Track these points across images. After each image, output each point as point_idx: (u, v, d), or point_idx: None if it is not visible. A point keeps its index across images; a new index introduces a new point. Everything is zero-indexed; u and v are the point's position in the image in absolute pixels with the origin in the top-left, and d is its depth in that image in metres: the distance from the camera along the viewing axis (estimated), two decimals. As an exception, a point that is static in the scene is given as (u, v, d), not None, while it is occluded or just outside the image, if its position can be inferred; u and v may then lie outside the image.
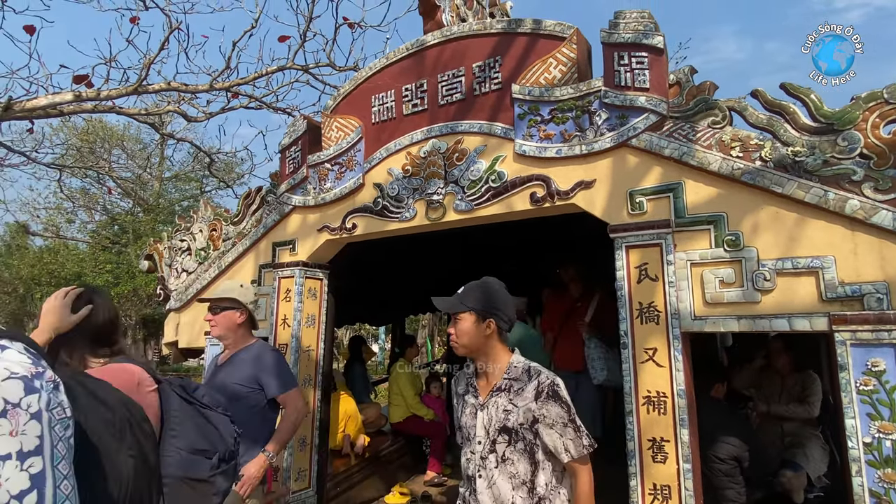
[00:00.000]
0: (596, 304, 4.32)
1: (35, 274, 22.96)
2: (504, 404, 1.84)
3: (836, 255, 2.37)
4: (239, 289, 2.89)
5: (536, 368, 1.88)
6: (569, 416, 1.79)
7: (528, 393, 1.81)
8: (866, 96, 2.40)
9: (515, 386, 1.86)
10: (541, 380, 1.83)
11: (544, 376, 1.84)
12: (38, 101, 5.27)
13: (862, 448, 2.20)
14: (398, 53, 3.74)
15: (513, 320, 1.96)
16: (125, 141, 20.76)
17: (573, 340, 4.33)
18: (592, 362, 4.09)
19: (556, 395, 1.79)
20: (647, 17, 2.84)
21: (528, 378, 1.85)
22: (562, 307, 4.59)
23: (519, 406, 1.82)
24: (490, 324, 1.90)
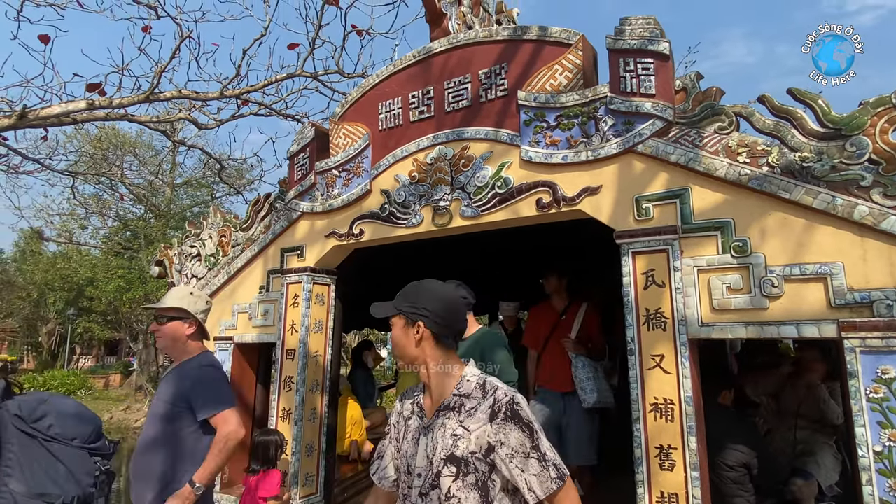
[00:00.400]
0: (582, 318, 4.06)
1: (48, 279, 23.29)
2: (452, 427, 1.49)
3: (845, 261, 2.35)
4: (189, 296, 2.66)
5: (493, 383, 1.54)
6: (532, 443, 1.43)
7: (482, 413, 1.47)
8: (874, 101, 2.39)
9: (467, 405, 1.52)
10: (497, 396, 1.49)
11: (502, 392, 1.50)
12: (52, 109, 5.37)
13: (872, 456, 2.17)
14: (405, 61, 3.76)
15: (454, 325, 1.63)
16: (137, 148, 21.03)
17: (559, 358, 4.00)
18: (581, 383, 3.80)
19: (516, 416, 1.45)
20: (652, 23, 2.84)
21: (483, 395, 1.52)
22: (546, 321, 4.20)
23: (471, 430, 1.47)
24: (419, 327, 1.59)
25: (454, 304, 1.65)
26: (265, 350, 4.47)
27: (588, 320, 4.07)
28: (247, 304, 4.33)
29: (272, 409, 3.92)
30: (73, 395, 21.44)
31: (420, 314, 1.59)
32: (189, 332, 2.61)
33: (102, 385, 23.36)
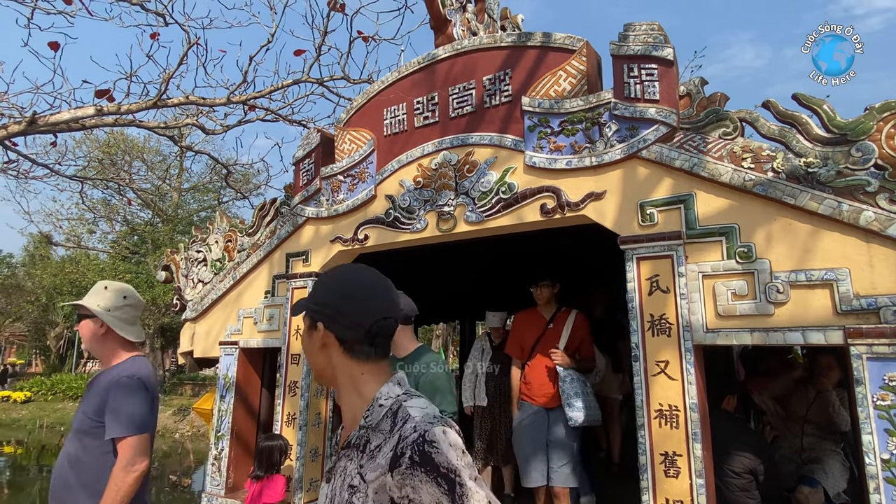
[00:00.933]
0: (571, 327, 3.76)
1: (57, 283, 23.49)
2: (351, 475, 1.08)
3: (851, 267, 2.33)
4: (102, 291, 2.35)
5: (407, 411, 1.07)
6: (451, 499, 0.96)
7: (384, 457, 1.02)
8: (880, 106, 2.38)
9: (373, 441, 1.06)
10: (404, 432, 1.02)
11: (410, 427, 1.02)
12: (61, 115, 5.42)
13: (880, 464, 2.15)
14: (410, 67, 3.78)
15: (367, 324, 1.14)
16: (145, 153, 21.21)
17: (545, 371, 3.73)
18: (569, 399, 3.48)
19: (428, 463, 0.98)
20: (656, 29, 2.85)
21: (391, 428, 1.05)
22: (531, 328, 3.87)
23: (368, 479, 1.03)
24: (320, 329, 1.17)
25: (366, 294, 1.17)
26: (270, 355, 4.48)
27: (577, 330, 3.76)
28: (252, 309, 4.35)
29: (277, 414, 3.93)
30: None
31: (320, 311, 1.18)
32: (101, 333, 2.31)
33: (109, 389, 23.41)
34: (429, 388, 2.60)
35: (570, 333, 3.70)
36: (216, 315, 4.65)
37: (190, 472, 13.53)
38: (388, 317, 1.18)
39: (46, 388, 22.09)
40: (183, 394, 22.65)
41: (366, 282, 1.20)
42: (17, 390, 22.24)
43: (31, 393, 21.97)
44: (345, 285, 1.20)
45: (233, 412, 4.26)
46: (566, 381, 3.52)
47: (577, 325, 3.75)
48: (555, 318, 3.80)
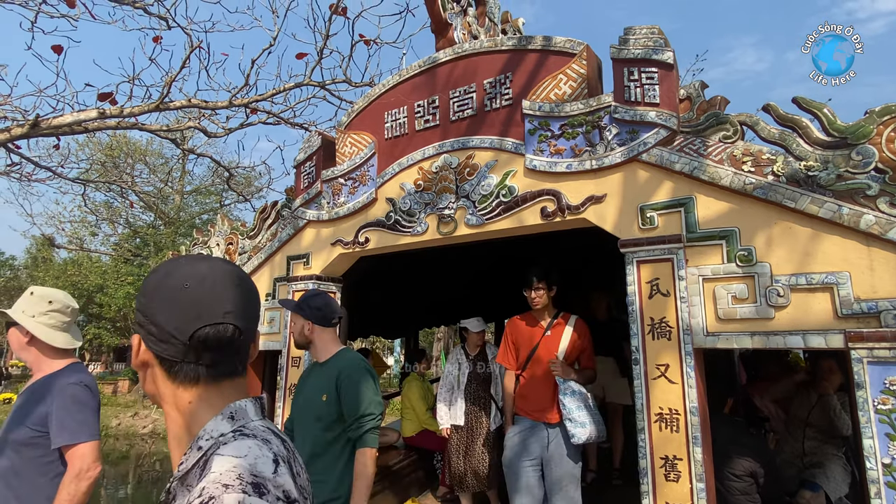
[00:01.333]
0: (571, 334, 3.37)
1: (59, 285, 23.51)
2: None
3: (852, 270, 2.33)
4: (28, 297, 2.26)
5: (212, 462, 0.76)
6: None
7: None
8: (880, 110, 2.38)
9: (179, 498, 0.80)
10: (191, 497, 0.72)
11: (199, 487, 0.72)
12: (64, 118, 5.45)
13: (881, 469, 2.15)
14: (410, 70, 3.79)
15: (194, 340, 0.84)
16: (147, 156, 21.27)
17: (543, 383, 3.32)
18: (570, 414, 3.14)
19: None
20: (656, 32, 2.85)
21: (200, 475, 0.78)
22: (526, 336, 3.48)
23: None
24: (136, 344, 0.90)
25: (184, 293, 0.86)
26: (271, 357, 4.48)
27: (578, 337, 3.38)
28: (253, 312, 4.35)
29: (277, 418, 3.92)
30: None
31: (136, 319, 0.91)
32: (26, 341, 2.21)
33: (111, 391, 23.47)
34: (352, 391, 2.40)
35: (570, 341, 3.34)
36: (217, 318, 4.64)
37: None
38: (220, 322, 0.85)
39: (48, 390, 22.08)
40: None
41: (185, 276, 0.87)
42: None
43: (32, 395, 21.96)
44: (159, 283, 0.88)
45: (233, 415, 4.26)
46: (567, 395, 3.18)
47: (578, 331, 3.38)
48: (552, 325, 3.41)
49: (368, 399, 2.41)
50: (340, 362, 2.53)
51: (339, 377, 2.44)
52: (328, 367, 2.54)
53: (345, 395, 2.40)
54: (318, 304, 2.61)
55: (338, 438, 2.41)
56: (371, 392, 2.45)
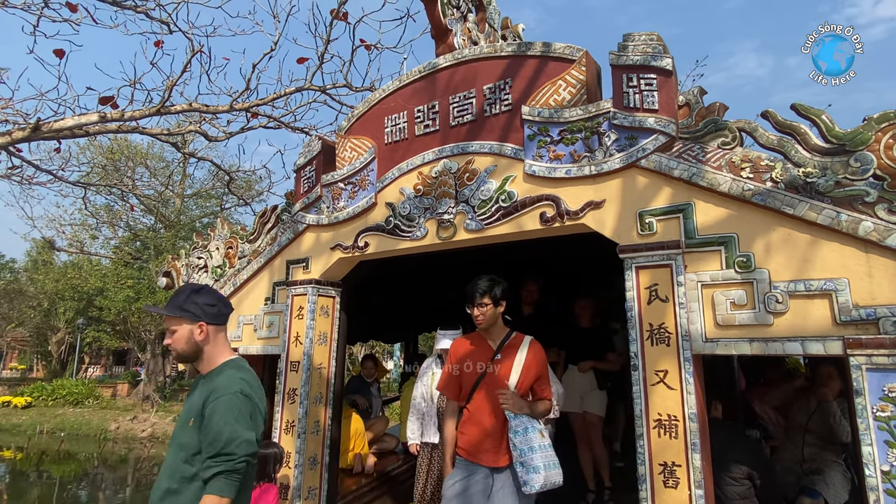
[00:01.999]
0: (525, 358, 2.79)
1: (59, 288, 23.52)
2: None
3: (850, 277, 2.33)
4: None
5: None
6: None
7: None
8: (878, 117, 2.38)
9: None
10: None
11: None
12: (65, 122, 5.46)
13: (880, 476, 2.14)
14: (411, 76, 3.81)
15: None
16: (148, 159, 21.30)
17: (490, 417, 2.74)
18: (522, 456, 2.59)
19: None
20: (655, 39, 2.86)
21: None
22: (472, 361, 2.87)
23: None
24: None
25: None
26: (270, 362, 4.48)
27: (533, 362, 2.80)
28: (252, 316, 4.36)
29: (276, 422, 3.92)
30: (80, 404, 21.53)
31: None
32: None
33: (110, 395, 23.43)
34: (216, 418, 1.91)
35: (524, 367, 2.77)
36: (216, 321, 4.64)
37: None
38: None
39: (47, 393, 22.05)
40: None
41: None
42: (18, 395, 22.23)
43: (31, 398, 21.95)
44: None
45: (232, 419, 4.25)
46: (518, 432, 2.63)
47: (533, 355, 2.82)
48: (503, 347, 2.84)
49: (232, 433, 1.88)
50: (216, 380, 2.02)
51: (207, 400, 1.95)
52: (206, 384, 2.04)
53: (207, 422, 1.91)
54: (208, 299, 2.12)
55: (199, 476, 1.93)
56: (240, 425, 1.91)
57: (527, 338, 2.89)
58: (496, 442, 2.72)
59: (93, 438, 18.25)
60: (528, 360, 2.81)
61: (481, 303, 2.81)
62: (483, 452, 2.73)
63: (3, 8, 5.28)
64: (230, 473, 1.87)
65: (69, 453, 16.46)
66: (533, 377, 2.82)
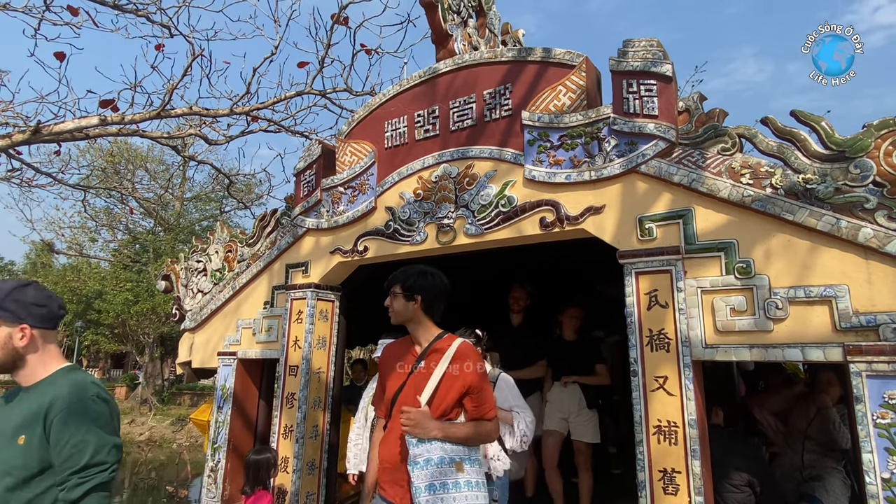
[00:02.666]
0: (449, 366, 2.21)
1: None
2: None
3: (850, 283, 2.33)
4: None
5: None
6: None
7: None
8: (878, 124, 2.39)
9: None
10: None
11: None
12: (65, 124, 5.47)
13: (880, 484, 2.13)
14: (411, 80, 3.81)
15: None
16: (148, 162, 21.31)
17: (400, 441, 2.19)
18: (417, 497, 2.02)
19: None
20: (655, 45, 2.87)
21: None
22: (396, 369, 2.36)
23: None
24: None
25: None
26: (269, 366, 4.46)
27: (458, 371, 2.22)
28: (251, 320, 4.35)
29: (274, 426, 3.90)
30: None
31: None
32: None
33: (108, 398, 23.34)
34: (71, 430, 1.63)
35: (444, 377, 2.20)
36: (215, 325, 4.64)
37: (187, 483, 13.43)
38: None
39: (45, 396, 21.98)
40: (181, 404, 22.55)
41: None
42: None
43: (29, 401, 21.87)
44: None
45: (230, 423, 4.24)
46: (419, 464, 2.06)
47: (459, 362, 2.23)
48: (427, 352, 2.29)
49: (100, 441, 1.64)
50: (55, 388, 1.70)
51: (51, 410, 1.64)
52: (34, 396, 1.71)
53: (59, 436, 1.62)
54: (34, 297, 1.78)
55: (40, 501, 1.61)
56: (104, 431, 1.68)
57: (457, 340, 2.31)
58: (403, 470, 2.13)
59: (90, 442, 18.15)
60: (452, 368, 2.22)
61: (392, 292, 2.35)
62: (391, 485, 2.18)
63: (5, 11, 5.29)
64: (104, 486, 1.63)
65: (66, 457, 16.36)
66: (458, 391, 2.19)
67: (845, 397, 3.72)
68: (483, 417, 2.24)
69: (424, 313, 2.34)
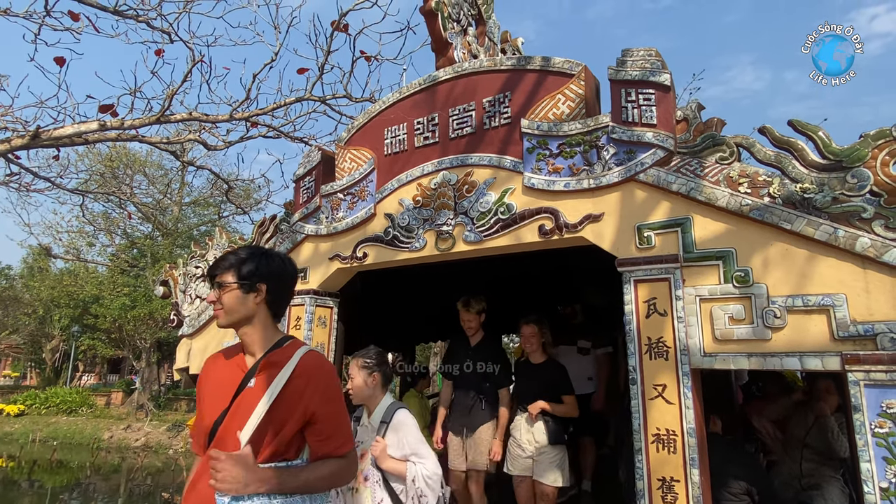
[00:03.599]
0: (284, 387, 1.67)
1: (55, 296, 23.44)
2: None
3: (848, 293, 2.34)
4: None
5: None
6: None
7: None
8: (875, 134, 2.40)
9: None
10: None
11: None
12: (64, 129, 5.47)
13: (878, 493, 2.13)
14: (411, 88, 3.83)
15: None
16: (147, 167, 21.32)
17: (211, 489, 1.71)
18: None
19: None
20: (653, 54, 2.89)
21: None
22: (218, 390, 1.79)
23: None
24: None
25: None
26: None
27: (295, 394, 1.66)
28: (249, 326, 4.33)
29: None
30: (74, 412, 21.35)
31: None
32: None
33: (104, 403, 23.26)
34: None
35: (275, 404, 1.62)
36: (213, 331, 4.63)
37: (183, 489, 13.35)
38: None
39: (40, 401, 21.88)
40: (178, 409, 22.46)
41: None
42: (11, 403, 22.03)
43: (24, 406, 21.76)
44: None
45: (227, 430, 4.22)
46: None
47: (299, 382, 1.67)
48: (259, 367, 1.73)
49: None
50: None
51: None
52: None
53: None
54: None
55: None
56: None
57: (301, 349, 1.72)
58: None
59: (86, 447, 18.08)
60: (289, 391, 1.62)
61: (219, 282, 1.76)
62: None
63: (5, 16, 5.31)
64: None
65: (62, 462, 16.29)
66: (298, 421, 1.62)
67: (843, 405, 3.72)
68: (331, 455, 1.65)
69: (268, 311, 1.77)
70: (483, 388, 3.97)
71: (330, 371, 1.75)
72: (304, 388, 1.65)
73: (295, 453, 1.66)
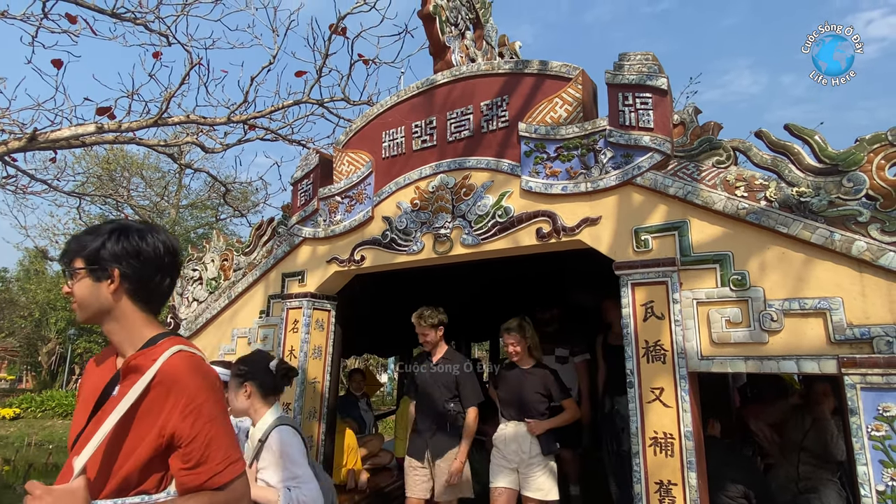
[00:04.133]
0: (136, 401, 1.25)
1: (51, 298, 23.37)
2: None
3: (844, 296, 2.35)
4: None
5: None
6: None
7: None
8: (870, 138, 2.42)
9: None
10: None
11: None
12: (61, 132, 5.46)
13: (875, 496, 2.14)
14: (408, 91, 3.83)
15: None
16: (144, 169, 21.28)
17: None
18: None
19: None
20: (651, 59, 2.90)
21: None
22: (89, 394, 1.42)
23: None
24: None
25: None
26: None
27: (151, 409, 1.26)
28: (246, 329, 4.33)
29: (269, 436, 3.88)
30: (69, 416, 21.24)
31: None
32: None
33: (100, 406, 23.10)
34: None
35: (122, 421, 1.25)
36: (210, 334, 4.62)
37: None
38: None
39: (36, 405, 21.76)
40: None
41: None
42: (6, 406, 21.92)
43: (19, 409, 21.64)
44: None
45: (224, 433, 4.21)
46: None
47: (157, 392, 1.27)
48: (123, 374, 1.36)
49: None
50: None
51: None
52: None
53: None
54: None
55: None
56: None
57: (168, 352, 1.32)
58: None
59: (81, 451, 17.96)
60: (146, 403, 1.27)
61: (69, 271, 1.42)
62: None
63: (3, 18, 5.30)
64: None
65: (57, 466, 16.21)
66: (153, 444, 1.26)
67: (840, 409, 3.71)
68: (205, 487, 1.26)
69: (132, 301, 1.41)
70: (447, 408, 3.62)
71: (202, 377, 1.31)
72: (163, 399, 1.25)
73: (156, 485, 1.27)
